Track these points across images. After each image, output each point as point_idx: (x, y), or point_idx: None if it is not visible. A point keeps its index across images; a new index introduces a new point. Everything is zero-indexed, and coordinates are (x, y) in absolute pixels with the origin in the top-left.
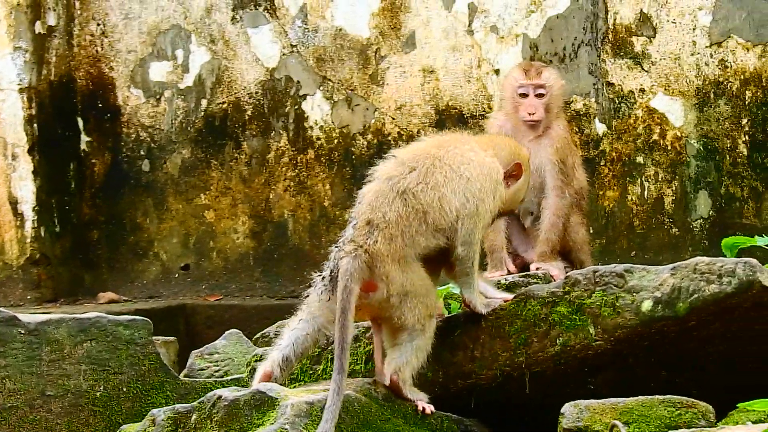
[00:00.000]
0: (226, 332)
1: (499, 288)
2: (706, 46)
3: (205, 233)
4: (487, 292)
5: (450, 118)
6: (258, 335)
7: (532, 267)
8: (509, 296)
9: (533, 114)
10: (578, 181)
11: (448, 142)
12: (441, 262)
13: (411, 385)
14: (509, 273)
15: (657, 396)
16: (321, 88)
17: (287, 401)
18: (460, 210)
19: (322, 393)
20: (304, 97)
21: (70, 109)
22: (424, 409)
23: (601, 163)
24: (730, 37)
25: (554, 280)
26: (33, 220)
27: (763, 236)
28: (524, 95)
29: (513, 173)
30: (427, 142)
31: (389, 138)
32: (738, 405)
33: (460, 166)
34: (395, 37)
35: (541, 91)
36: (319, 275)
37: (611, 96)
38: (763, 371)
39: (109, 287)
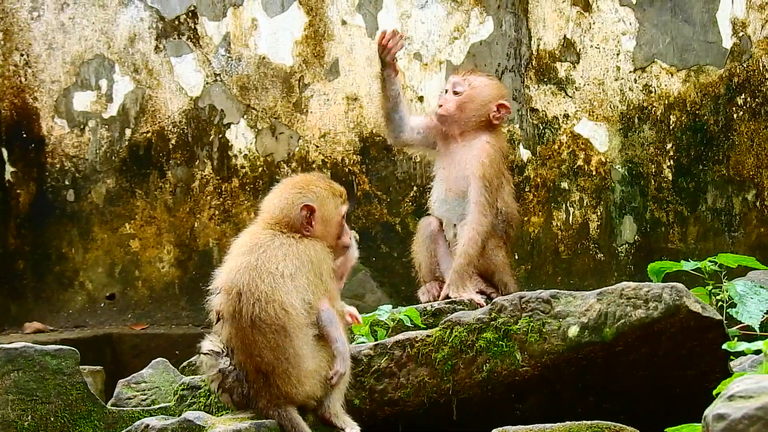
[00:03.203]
0: (153, 361)
1: (424, 315)
2: (630, 71)
3: (131, 262)
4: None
5: (374, 145)
6: (185, 364)
7: (442, 295)
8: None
9: (441, 106)
10: (506, 204)
11: (255, 242)
12: None
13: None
14: (435, 299)
15: (585, 421)
16: (245, 116)
17: (215, 429)
18: (303, 306)
19: (249, 421)
20: (228, 125)
21: None
22: None
23: (526, 189)
24: (654, 62)
25: (475, 303)
26: None
27: (689, 261)
28: (446, 91)
29: (307, 219)
30: (235, 251)
31: (314, 166)
32: (666, 430)
33: (278, 265)
34: (319, 65)
35: (458, 89)
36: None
37: (535, 122)
38: (690, 396)
39: (36, 317)
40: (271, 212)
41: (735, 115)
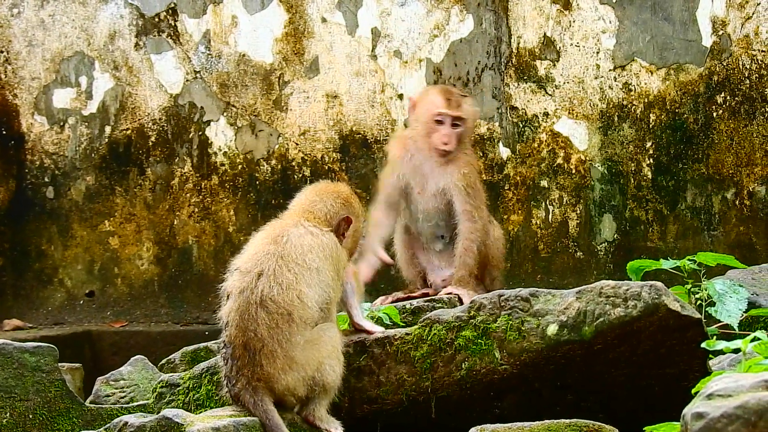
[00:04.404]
0: (132, 358)
1: (403, 313)
2: (610, 70)
3: (110, 260)
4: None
5: (354, 143)
6: (163, 361)
7: (443, 291)
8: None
9: (447, 144)
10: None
11: (280, 232)
12: None
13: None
14: (420, 296)
15: (563, 420)
16: (225, 113)
17: (193, 427)
18: (319, 302)
19: (228, 419)
20: (208, 122)
21: None
22: None
23: (506, 187)
24: (633, 60)
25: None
26: None
27: (668, 259)
28: (440, 123)
29: (345, 229)
30: (259, 239)
31: (293, 163)
32: (644, 429)
33: (305, 257)
34: (299, 63)
35: (458, 123)
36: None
37: (515, 120)
38: (669, 394)
39: (15, 314)
40: (308, 209)
41: (714, 114)
